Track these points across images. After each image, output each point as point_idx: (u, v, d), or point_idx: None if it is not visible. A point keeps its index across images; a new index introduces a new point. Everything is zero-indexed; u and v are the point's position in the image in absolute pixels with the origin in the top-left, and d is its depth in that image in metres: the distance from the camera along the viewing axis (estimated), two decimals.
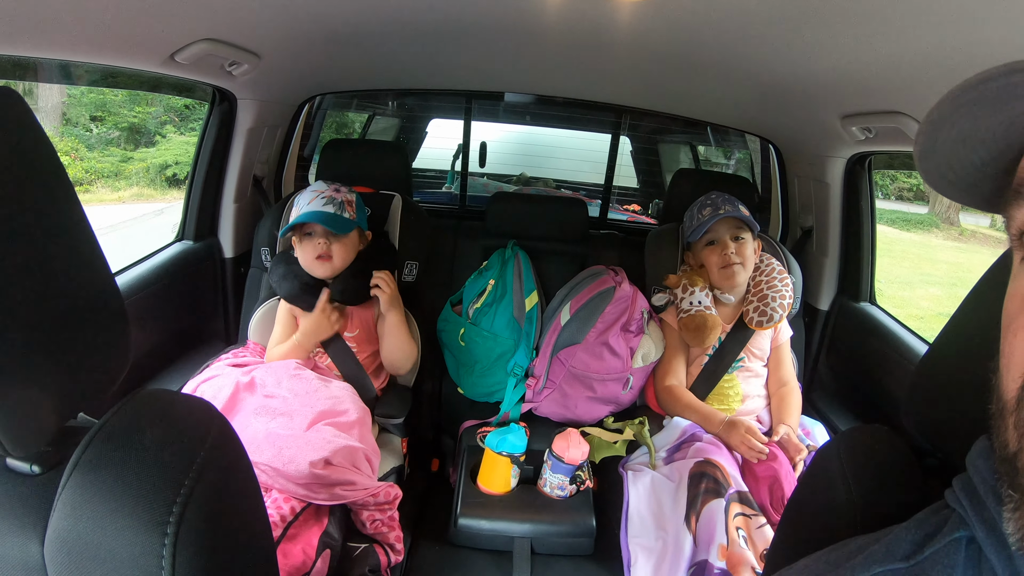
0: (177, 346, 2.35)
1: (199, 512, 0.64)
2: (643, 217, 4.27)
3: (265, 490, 1.67)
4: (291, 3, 1.67)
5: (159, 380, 2.19)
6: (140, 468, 0.65)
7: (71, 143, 7.92)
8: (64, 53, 1.51)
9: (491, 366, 2.35)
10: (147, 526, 0.62)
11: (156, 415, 0.71)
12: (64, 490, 0.64)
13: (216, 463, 0.68)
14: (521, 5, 1.65)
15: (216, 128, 2.38)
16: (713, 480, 1.78)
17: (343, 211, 2.01)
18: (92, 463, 0.65)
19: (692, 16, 1.56)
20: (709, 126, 4.05)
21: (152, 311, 2.17)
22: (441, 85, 2.87)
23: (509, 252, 2.51)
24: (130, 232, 6.83)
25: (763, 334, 2.22)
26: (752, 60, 1.83)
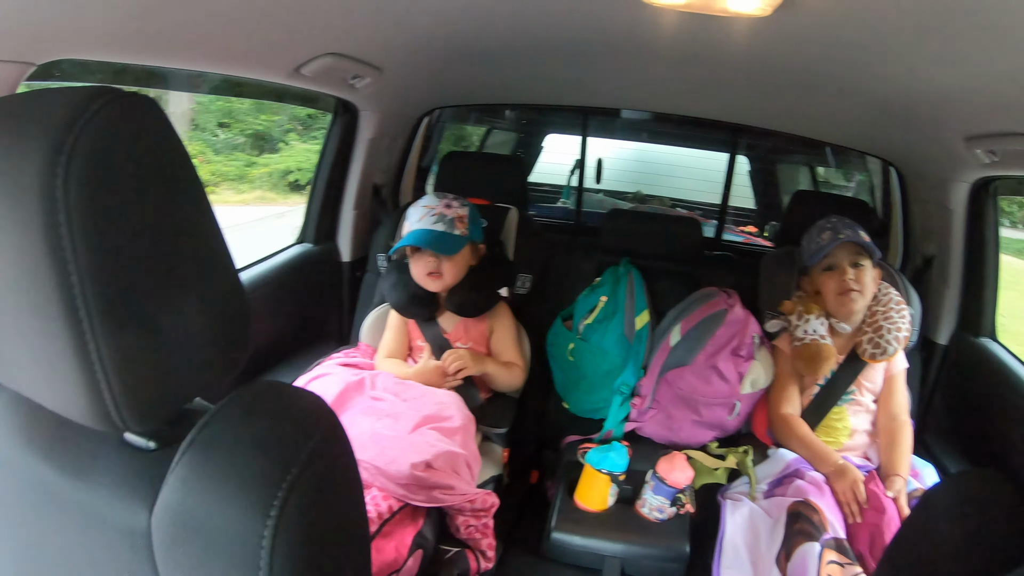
0: (292, 343, 2.43)
1: (302, 499, 0.66)
2: (759, 239, 4.17)
3: (365, 487, 1.69)
4: (412, 20, 1.71)
5: (272, 373, 2.27)
6: (250, 452, 0.68)
7: (199, 147, 8.29)
8: (196, 64, 1.62)
9: (598, 383, 2.32)
10: (251, 507, 0.64)
11: (270, 404, 0.74)
12: (177, 466, 0.68)
13: (323, 455, 0.70)
14: (638, 22, 1.65)
15: (338, 138, 2.47)
16: (809, 522, 1.71)
17: (453, 228, 2.02)
18: (205, 443, 0.68)
19: (810, 33, 1.53)
20: (828, 146, 3.93)
21: (270, 308, 2.26)
22: (558, 101, 2.89)
23: (622, 269, 2.48)
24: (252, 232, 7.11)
25: (876, 367, 2.13)
26: (872, 77, 1.78)
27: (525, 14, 1.71)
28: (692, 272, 2.59)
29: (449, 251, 2.02)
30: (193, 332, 0.70)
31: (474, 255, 2.14)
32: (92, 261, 0.60)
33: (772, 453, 2.08)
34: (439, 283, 2.06)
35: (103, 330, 0.61)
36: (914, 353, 2.33)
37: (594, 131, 4.02)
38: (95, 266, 0.60)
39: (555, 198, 4.47)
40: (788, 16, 1.41)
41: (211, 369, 0.74)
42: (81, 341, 0.61)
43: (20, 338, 0.65)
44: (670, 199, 4.58)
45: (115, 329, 0.62)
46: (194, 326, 0.70)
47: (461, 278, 2.09)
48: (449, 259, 2.04)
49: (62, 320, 0.60)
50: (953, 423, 2.40)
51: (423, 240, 2.00)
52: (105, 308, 0.61)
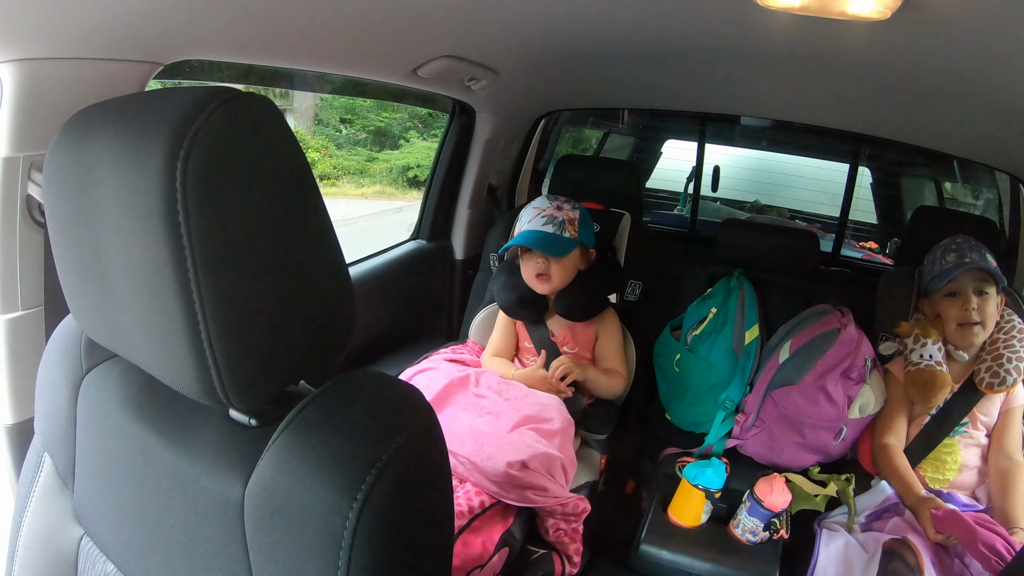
0: (402, 335, 2.51)
1: (389, 486, 0.68)
2: (879, 256, 4.04)
3: (460, 481, 1.74)
4: (527, 24, 1.74)
5: (381, 364, 2.34)
6: (344, 435, 0.71)
7: (322, 141, 8.61)
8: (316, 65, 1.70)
9: (702, 396, 2.30)
10: (340, 488, 0.67)
11: (368, 392, 0.77)
12: (274, 444, 0.72)
13: (415, 446, 0.73)
14: (751, 26, 1.62)
15: (455, 138, 2.53)
16: (904, 562, 1.64)
17: (563, 230, 2.03)
18: (303, 424, 0.72)
19: (933, 37, 1.47)
20: (955, 160, 3.75)
21: (383, 300, 2.33)
22: (675, 106, 2.87)
23: (735, 281, 2.45)
24: (371, 225, 7.33)
25: (993, 400, 2.01)
26: (1001, 85, 1.70)
27: (637, 18, 1.71)
28: (806, 287, 2.52)
29: (557, 253, 2.03)
30: (298, 320, 0.74)
31: (584, 259, 2.14)
32: (206, 248, 0.64)
33: (875, 484, 2.00)
34: (547, 285, 2.08)
35: (213, 313, 0.66)
36: None
37: (712, 138, 3.95)
38: (208, 253, 0.64)
39: (672, 205, 4.43)
40: (909, 19, 1.37)
41: (314, 355, 0.78)
42: (193, 321, 0.66)
43: (139, 315, 0.71)
44: (788, 210, 4.48)
45: (225, 312, 0.66)
46: (299, 314, 0.74)
47: (569, 281, 2.10)
48: (557, 261, 2.05)
49: (178, 301, 0.65)
50: None
51: (532, 240, 2.02)
52: (216, 293, 0.65)
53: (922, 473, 2.01)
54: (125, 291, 0.71)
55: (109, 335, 0.80)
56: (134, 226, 0.65)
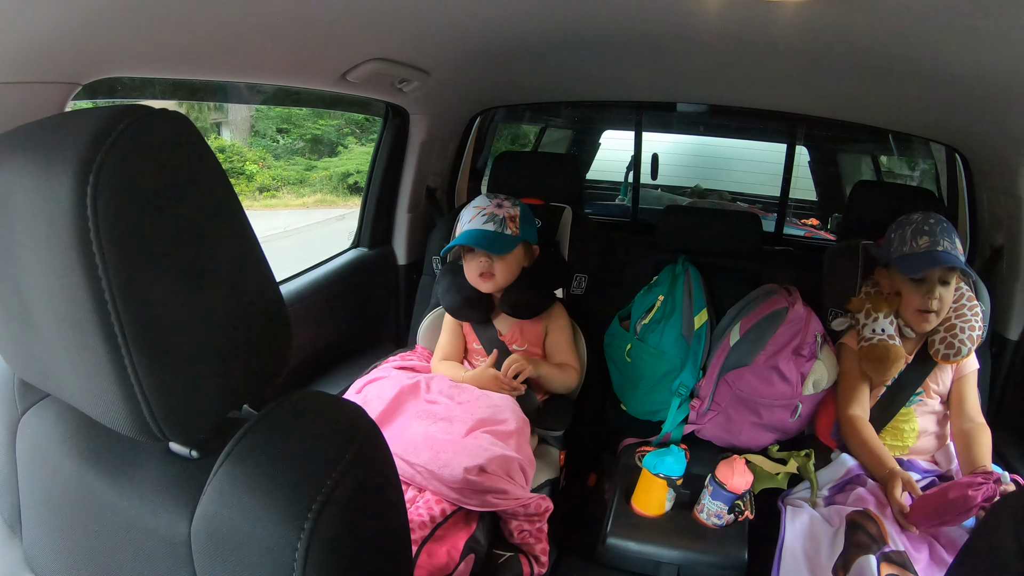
0: (349, 346, 2.47)
1: (337, 511, 0.66)
2: (822, 232, 4.10)
3: (420, 490, 1.72)
4: (455, 23, 1.72)
5: (330, 377, 2.30)
6: (286, 463, 0.69)
7: (260, 152, 8.53)
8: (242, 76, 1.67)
9: (656, 384, 2.29)
10: (286, 519, 0.65)
11: (308, 414, 0.75)
12: (215, 476, 0.69)
13: (360, 467, 0.70)
14: (682, 12, 1.63)
15: (390, 142, 2.49)
16: (867, 533, 1.65)
17: (504, 228, 2.01)
18: (244, 453, 0.70)
19: (862, 14, 1.48)
20: (891, 134, 3.82)
21: (327, 312, 2.29)
22: (611, 96, 2.87)
23: (680, 268, 2.44)
24: (313, 235, 7.28)
25: (944, 369, 2.04)
26: (933, 59, 1.71)
27: (569, 11, 1.70)
28: (752, 268, 2.53)
29: (500, 251, 2.01)
30: (229, 345, 0.71)
31: (527, 256, 2.12)
32: (123, 278, 0.61)
33: (835, 457, 2.02)
34: (491, 284, 2.06)
35: (137, 344, 0.63)
36: (984, 350, 2.23)
37: (649, 126, 3.98)
38: (126, 282, 0.61)
39: (613, 195, 4.45)
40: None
41: (251, 379, 0.75)
42: (117, 355, 0.62)
43: (63, 352, 0.67)
44: (730, 193, 4.53)
45: (149, 344, 0.63)
46: (230, 339, 0.71)
47: (514, 279, 2.08)
48: (501, 259, 2.03)
49: (98, 335, 0.62)
50: None
51: (474, 240, 2.00)
52: (138, 323, 0.62)
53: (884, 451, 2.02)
54: (48, 327, 0.67)
55: (39, 374, 0.76)
56: (50, 259, 0.62)
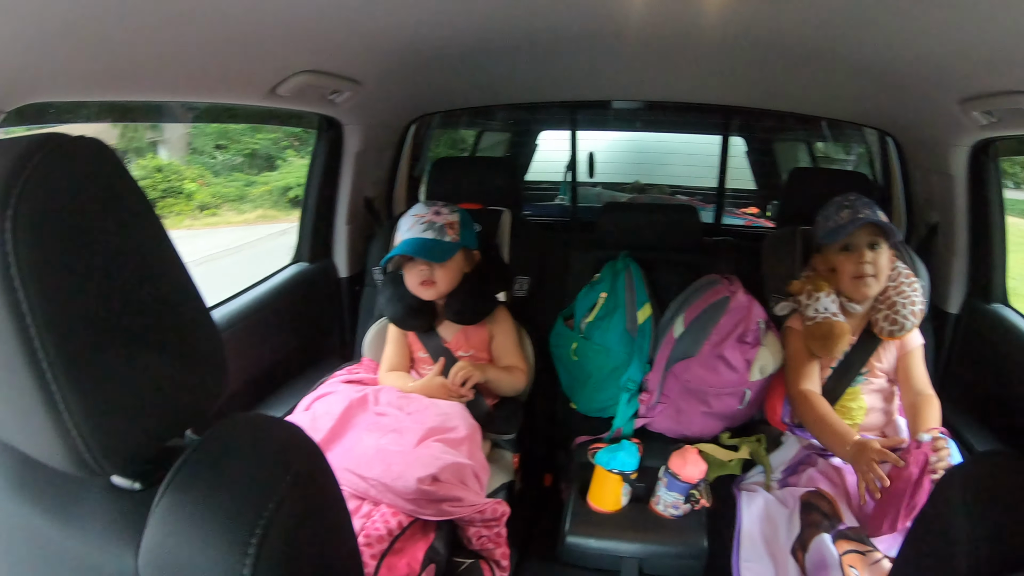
0: (295, 364, 2.43)
1: (281, 534, 0.66)
2: (761, 220, 4.16)
3: (374, 504, 1.70)
4: (385, 31, 1.71)
5: (277, 397, 2.26)
6: (227, 489, 0.68)
7: (198, 170, 8.39)
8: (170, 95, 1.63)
9: (604, 380, 2.30)
10: (230, 546, 0.64)
11: (246, 438, 0.74)
12: (157, 507, 0.68)
13: (301, 488, 0.70)
14: (611, 10, 1.64)
15: (324, 154, 2.47)
16: (821, 513, 1.68)
17: (443, 235, 2.01)
18: (183, 483, 0.68)
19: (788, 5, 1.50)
20: (824, 121, 3.90)
21: (271, 330, 2.25)
22: (545, 97, 2.87)
23: (620, 264, 2.45)
24: (256, 251, 7.18)
25: (887, 347, 2.08)
26: (858, 46, 1.75)
27: (498, 14, 1.70)
28: (692, 260, 2.55)
29: (440, 258, 2.00)
30: (160, 373, 0.69)
31: (468, 262, 2.12)
32: (46, 312, 0.60)
33: (785, 440, 2.05)
34: (433, 291, 2.05)
35: (65, 378, 0.61)
36: (925, 324, 2.28)
37: (586, 124, 4.01)
38: (50, 316, 0.60)
39: (554, 196, 4.46)
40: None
41: (188, 406, 0.74)
42: (47, 391, 0.61)
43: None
44: (669, 187, 4.57)
45: (77, 376, 0.62)
46: (160, 367, 0.69)
47: (455, 285, 2.07)
48: (441, 266, 2.02)
49: (26, 371, 0.60)
50: (971, 393, 2.35)
51: (413, 248, 1.99)
52: (64, 357, 0.61)
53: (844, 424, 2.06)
54: None
55: None
56: None
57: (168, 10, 1.21)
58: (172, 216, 7.58)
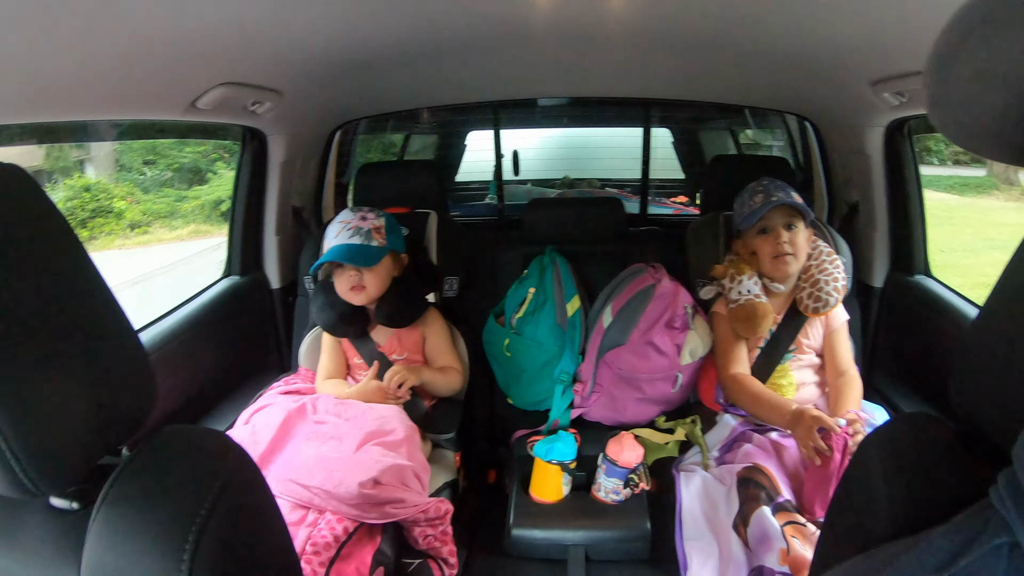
0: (233, 378, 2.41)
1: (214, 541, 0.68)
2: (691, 208, 4.22)
3: (319, 512, 1.70)
4: (302, 40, 1.69)
5: (216, 412, 2.25)
6: (159, 501, 0.70)
7: (127, 188, 8.16)
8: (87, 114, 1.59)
9: (538, 374, 2.34)
10: (165, 555, 0.66)
11: (175, 450, 0.76)
12: (93, 524, 0.69)
13: (231, 493, 0.72)
14: (522, 10, 1.65)
15: (250, 165, 2.45)
16: (760, 487, 1.73)
17: (370, 240, 2.02)
18: (117, 498, 0.70)
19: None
20: (747, 109, 3.98)
21: (205, 346, 2.23)
22: (469, 98, 2.88)
23: (547, 259, 2.50)
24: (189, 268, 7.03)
25: (814, 324, 2.16)
26: (772, 34, 1.80)
27: (413, 20, 1.70)
28: (619, 251, 2.61)
29: (368, 262, 2.01)
30: (86, 392, 0.70)
31: (396, 265, 2.13)
32: None
33: (720, 419, 2.10)
34: (363, 295, 2.05)
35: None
36: (851, 299, 2.38)
37: (510, 123, 4.05)
38: None
39: (483, 196, 4.48)
40: None
41: (119, 424, 0.75)
42: None
43: None
44: (599, 180, 4.61)
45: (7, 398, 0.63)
46: (86, 386, 0.70)
47: (385, 289, 2.08)
48: (370, 270, 2.03)
49: None
50: (899, 362, 2.46)
51: (341, 255, 2.00)
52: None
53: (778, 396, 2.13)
54: None
55: None
56: None
57: (80, 29, 1.20)
58: (103, 236, 7.36)
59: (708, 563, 1.74)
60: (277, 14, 1.48)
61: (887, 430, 0.88)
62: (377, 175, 2.68)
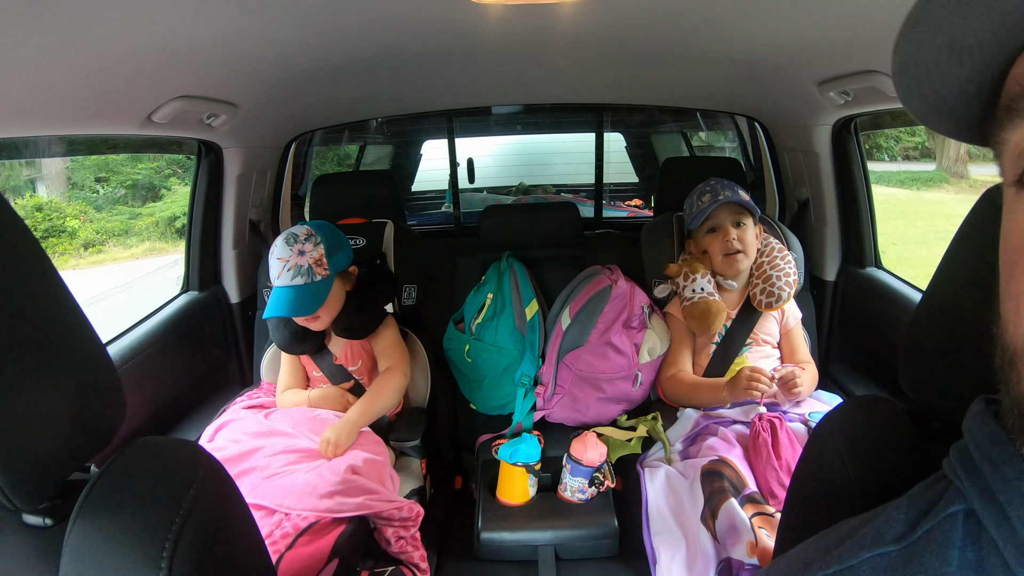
0: (195, 393, 2.39)
1: (190, 548, 0.69)
2: (645, 211, 4.27)
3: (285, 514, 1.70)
4: (256, 52, 1.69)
5: (180, 428, 2.23)
6: (134, 511, 0.70)
7: (79, 206, 8.00)
8: (39, 129, 1.56)
9: (499, 379, 2.36)
10: (143, 564, 0.67)
11: (147, 461, 0.76)
12: (69, 538, 0.69)
13: (204, 500, 0.73)
14: (472, 22, 1.66)
15: (205, 179, 2.43)
16: (725, 479, 1.76)
17: (312, 276, 1.94)
18: (91, 511, 0.70)
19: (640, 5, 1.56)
20: (698, 112, 4.04)
21: (166, 363, 2.20)
22: (422, 107, 2.88)
23: (504, 264, 2.53)
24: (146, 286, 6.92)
25: (770, 318, 2.22)
26: (719, 39, 1.83)
27: (367, 30, 1.70)
28: (576, 254, 2.65)
29: (313, 308, 1.96)
30: (55, 407, 0.71)
31: (348, 280, 2.10)
32: None
33: (680, 414, 2.14)
34: (319, 323, 2.05)
35: None
36: (805, 293, 2.45)
37: (464, 132, 4.06)
38: None
39: (440, 204, 4.49)
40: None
41: (88, 439, 0.75)
42: None
43: None
44: (554, 186, 4.65)
45: None
46: (55, 401, 0.70)
47: (340, 308, 2.06)
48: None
49: None
50: (855, 353, 2.52)
51: (285, 307, 1.93)
52: None
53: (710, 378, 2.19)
54: None
55: None
56: None
57: (34, 44, 1.19)
58: (56, 257, 7.21)
59: (676, 557, 1.76)
60: (232, 27, 1.47)
61: (841, 412, 0.92)
62: (333, 186, 2.69)
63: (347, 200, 2.55)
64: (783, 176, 2.82)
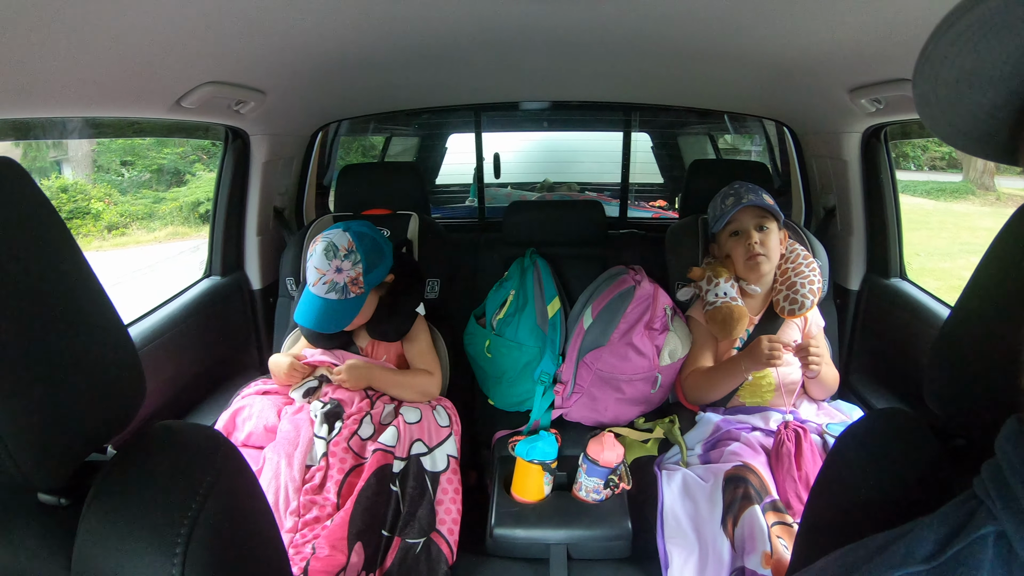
0: (213, 378, 2.40)
1: (206, 533, 0.68)
2: (670, 212, 4.25)
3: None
4: (287, 40, 1.69)
5: (196, 412, 2.24)
6: (150, 495, 0.70)
7: (104, 189, 8.07)
8: (71, 110, 1.57)
9: (518, 375, 2.35)
10: (158, 549, 0.66)
11: (165, 445, 0.76)
12: (83, 519, 0.69)
13: (221, 486, 0.73)
14: (510, 14, 1.65)
15: (232, 165, 2.44)
16: (749, 485, 1.74)
17: (347, 294, 1.97)
18: (107, 493, 0.70)
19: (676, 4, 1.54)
20: (726, 114, 4.02)
21: (185, 347, 2.21)
22: (451, 101, 2.88)
23: (528, 261, 2.52)
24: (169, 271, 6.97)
25: (792, 325, 2.19)
26: (752, 41, 1.81)
27: (397, 22, 1.69)
28: (599, 254, 2.63)
29: (344, 323, 2.00)
30: (77, 387, 0.70)
31: (382, 288, 2.11)
32: None
33: (699, 418, 2.12)
34: (349, 327, 2.05)
35: None
36: (828, 302, 2.42)
37: (493, 126, 4.06)
38: None
39: (464, 198, 4.49)
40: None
41: (107, 420, 0.75)
42: None
43: None
44: (578, 184, 4.64)
45: None
46: (77, 381, 0.70)
47: (372, 314, 2.08)
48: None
49: None
50: (875, 363, 2.49)
51: (314, 322, 1.97)
52: None
53: (741, 400, 2.17)
54: None
55: None
56: None
57: (66, 24, 1.19)
58: (80, 238, 7.24)
59: (689, 561, 1.74)
60: (262, 13, 1.47)
61: (864, 425, 0.90)
62: (358, 177, 2.68)
63: (372, 191, 2.54)
64: (810, 182, 2.79)
